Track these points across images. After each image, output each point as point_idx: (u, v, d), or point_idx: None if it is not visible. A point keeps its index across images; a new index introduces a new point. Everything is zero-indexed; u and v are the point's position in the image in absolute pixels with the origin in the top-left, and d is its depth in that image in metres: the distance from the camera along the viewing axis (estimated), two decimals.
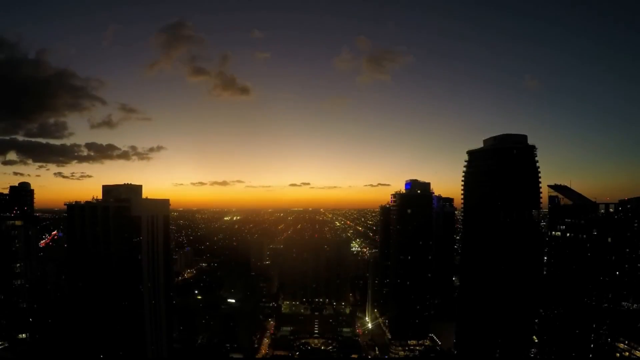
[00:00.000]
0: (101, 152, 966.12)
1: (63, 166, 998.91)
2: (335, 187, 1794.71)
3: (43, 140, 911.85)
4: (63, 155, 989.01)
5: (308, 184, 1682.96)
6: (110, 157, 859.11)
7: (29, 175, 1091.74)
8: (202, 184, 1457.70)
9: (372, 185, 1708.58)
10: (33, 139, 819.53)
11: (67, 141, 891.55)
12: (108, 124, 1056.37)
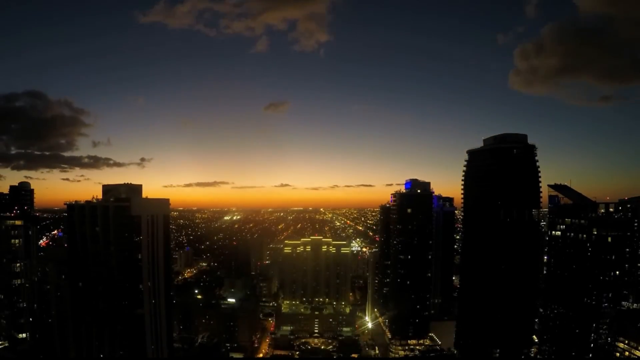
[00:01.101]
0: (100, 162, 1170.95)
1: (66, 172, 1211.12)
2: (318, 188, 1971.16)
3: (50, 153, 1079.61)
4: (67, 163, 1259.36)
5: (288, 185, 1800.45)
6: (109, 165, 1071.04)
7: (37, 179, 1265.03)
8: (188, 185, 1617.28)
9: (351, 186, 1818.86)
10: (42, 153, 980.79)
11: (71, 154, 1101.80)
12: (106, 143, 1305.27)
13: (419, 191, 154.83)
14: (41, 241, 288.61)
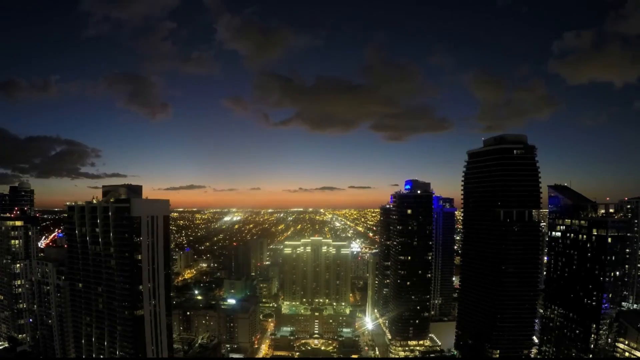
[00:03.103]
0: (101, 174, 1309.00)
1: (73, 178, 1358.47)
2: (289, 190, 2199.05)
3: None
4: (72, 173, 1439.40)
5: (259, 188, 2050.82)
6: (108, 176, 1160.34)
7: (43, 185, 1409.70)
8: (165, 189, 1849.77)
9: (319, 189, 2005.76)
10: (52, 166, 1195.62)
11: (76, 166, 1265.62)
12: (106, 163, 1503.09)
13: (419, 192, 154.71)
14: (41, 242, 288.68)
